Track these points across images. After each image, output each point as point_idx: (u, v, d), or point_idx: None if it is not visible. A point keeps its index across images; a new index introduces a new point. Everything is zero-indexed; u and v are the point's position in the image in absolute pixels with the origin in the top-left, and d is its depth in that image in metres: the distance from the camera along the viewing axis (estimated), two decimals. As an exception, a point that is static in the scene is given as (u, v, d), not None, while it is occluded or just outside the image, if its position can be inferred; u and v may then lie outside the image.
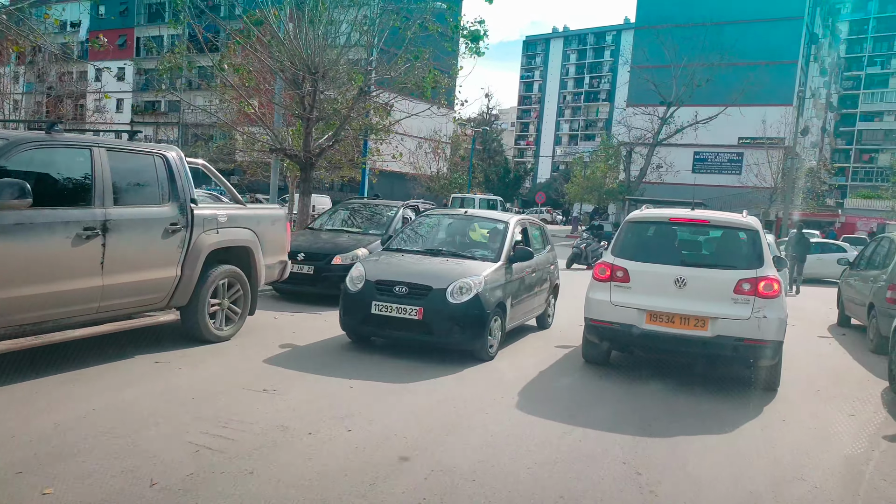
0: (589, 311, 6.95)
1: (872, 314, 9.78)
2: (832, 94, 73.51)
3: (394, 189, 48.62)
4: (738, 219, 6.99)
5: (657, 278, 6.62)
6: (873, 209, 45.18)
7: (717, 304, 6.36)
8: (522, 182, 61.25)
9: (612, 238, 7.44)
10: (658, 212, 7.51)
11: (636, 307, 6.61)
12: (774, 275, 6.48)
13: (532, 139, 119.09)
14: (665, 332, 6.50)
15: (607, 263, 6.91)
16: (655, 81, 42.47)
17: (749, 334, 6.29)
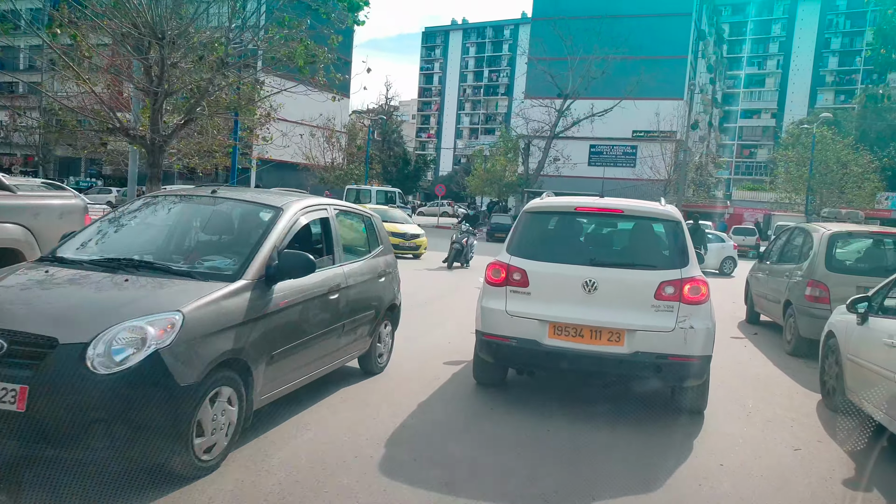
0: (482, 323, 5.63)
1: (789, 313, 8.91)
2: (717, 91, 76.40)
3: (285, 181, 46.24)
4: (656, 208, 5.80)
5: (562, 282, 5.39)
6: (758, 200, 46.78)
7: (634, 312, 5.20)
8: (423, 174, 59.87)
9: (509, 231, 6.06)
10: (561, 200, 6.22)
11: (537, 318, 5.33)
12: (701, 275, 5.35)
13: (433, 132, 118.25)
14: (573, 349, 5.24)
15: (502, 263, 5.59)
16: (552, 73, 42.26)
17: (674, 349, 5.13)
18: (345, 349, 5.63)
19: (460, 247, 17.41)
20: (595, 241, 6.28)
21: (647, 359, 5.12)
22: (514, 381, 6.42)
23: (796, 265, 9.08)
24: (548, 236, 5.83)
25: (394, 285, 6.79)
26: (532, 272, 5.41)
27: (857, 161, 36.75)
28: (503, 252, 5.70)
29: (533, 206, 5.92)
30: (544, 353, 5.29)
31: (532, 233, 5.79)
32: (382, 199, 35.54)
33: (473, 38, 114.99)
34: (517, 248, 5.63)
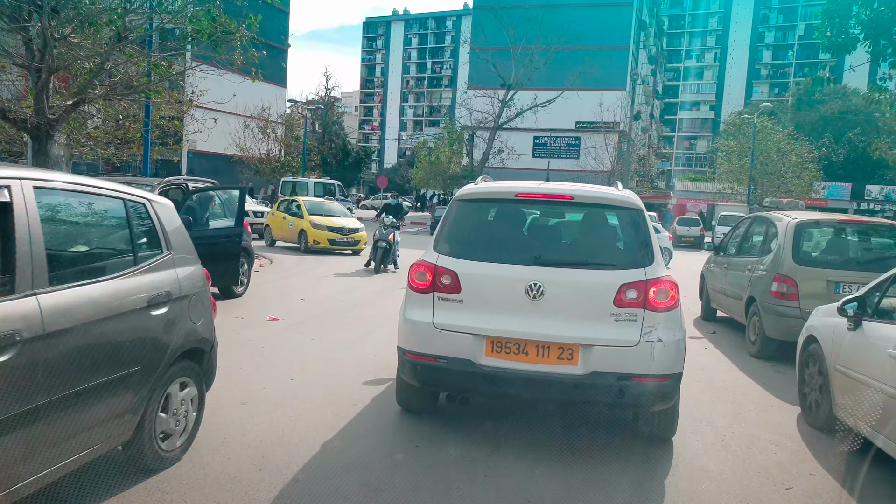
0: (404, 338, 4.62)
1: (753, 311, 8.09)
2: (658, 83, 77.04)
3: (218, 173, 44.21)
4: (612, 193, 4.80)
5: (501, 286, 4.41)
6: (700, 191, 47.04)
7: (589, 323, 4.26)
8: (364, 165, 58.26)
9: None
10: (499, 185, 5.08)
11: (471, 331, 4.34)
12: (669, 276, 4.40)
13: (377, 124, 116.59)
14: (515, 371, 4.26)
15: (427, 264, 4.57)
16: (495, 63, 41.44)
17: (638, 368, 4.18)
18: (69, 441, 3.07)
19: (387, 245, 14.48)
20: (540, 235, 5.27)
21: (606, 380, 4.17)
22: (446, 407, 5.35)
23: (759, 258, 8.27)
24: (483, 230, 4.86)
25: (192, 318, 4.11)
26: (464, 275, 4.42)
27: (797, 151, 37.05)
28: (429, 250, 4.68)
29: (465, 193, 4.88)
30: (480, 375, 4.30)
31: (464, 226, 4.77)
32: (321, 192, 34.06)
33: (416, 30, 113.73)
34: (446, 244, 4.63)
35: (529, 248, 4.69)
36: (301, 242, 18.61)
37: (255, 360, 6.60)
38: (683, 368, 4.44)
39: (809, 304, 7.21)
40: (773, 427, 5.37)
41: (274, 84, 52.65)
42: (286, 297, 10.80)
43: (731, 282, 9.07)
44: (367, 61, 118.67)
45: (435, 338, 4.38)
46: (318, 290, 11.78)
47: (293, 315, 9.12)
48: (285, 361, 6.63)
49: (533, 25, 40.63)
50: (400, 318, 4.67)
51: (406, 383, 4.78)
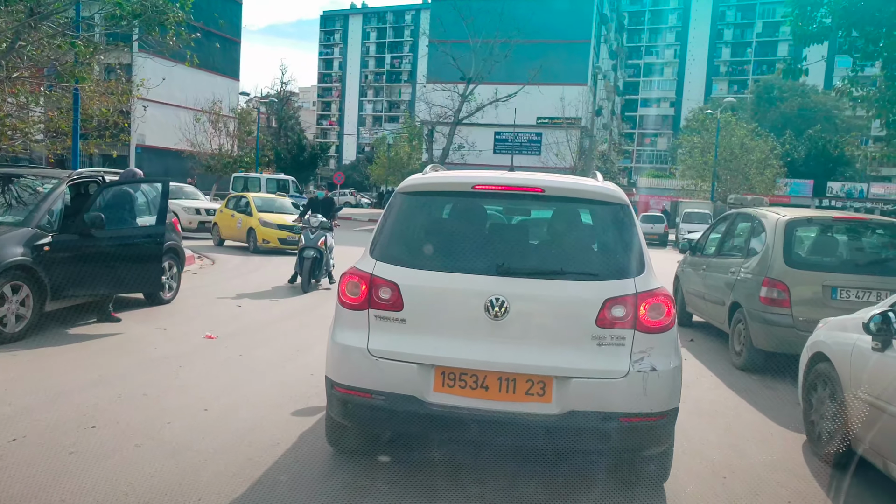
0: (333, 367, 3.72)
1: (737, 318, 7.30)
2: (619, 79, 77.01)
3: (168, 168, 42.46)
4: (591, 186, 3.92)
5: (454, 302, 3.57)
6: (663, 188, 46.86)
7: (566, 349, 3.44)
8: (319, 161, 56.68)
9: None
10: (451, 176, 4.21)
11: (417, 360, 3.48)
12: (663, 288, 3.59)
13: (335, 119, 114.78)
14: (472, 409, 3.42)
15: (362, 274, 3.67)
16: (455, 56, 40.57)
17: (628, 405, 3.39)
18: None
19: (316, 254, 11.12)
20: (504, 238, 4.18)
21: (586, 421, 3.35)
22: (390, 447, 4.39)
23: (743, 259, 7.48)
24: (433, 231, 3.96)
25: None
26: (408, 287, 3.56)
27: (761, 147, 36.94)
28: (365, 256, 3.79)
29: (410, 185, 3.96)
30: (428, 416, 3.44)
31: (408, 226, 3.88)
32: (274, 188, 32.68)
33: (374, 24, 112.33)
34: (386, 249, 3.74)
35: (490, 253, 3.74)
36: (250, 242, 17.33)
37: (167, 385, 5.55)
38: (680, 402, 3.62)
39: (803, 311, 6.47)
40: (779, 463, 4.53)
41: (226, 77, 51.06)
42: (221, 303, 9.70)
43: (712, 285, 8.28)
44: (325, 55, 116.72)
45: (370, 368, 3.52)
46: (259, 294, 10.69)
47: (225, 325, 8.05)
48: (203, 385, 5.59)
49: (493, 17, 39.84)
50: (328, 342, 3.77)
51: (336, 422, 3.88)
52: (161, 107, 45.81)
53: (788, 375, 6.49)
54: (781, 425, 5.31)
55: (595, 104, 41.49)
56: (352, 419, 3.70)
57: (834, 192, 47.78)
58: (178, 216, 20.22)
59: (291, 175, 41.60)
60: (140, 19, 11.86)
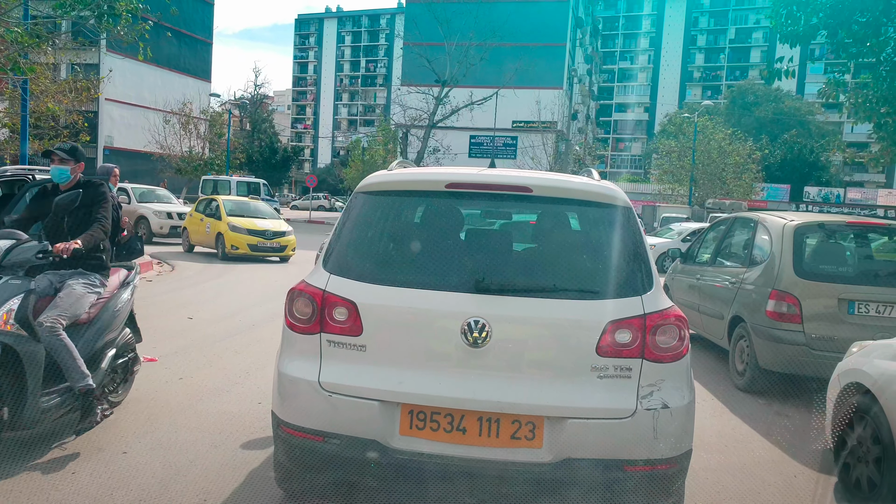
0: (278, 403, 3.12)
1: (739, 333, 6.60)
2: (594, 83, 76.97)
3: (137, 171, 41.15)
4: (587, 185, 3.29)
5: (425, 325, 2.98)
6: (640, 192, 46.53)
7: (560, 382, 2.89)
8: (292, 163, 55.54)
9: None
10: (421, 172, 3.71)
11: (379, 397, 2.90)
12: (674, 307, 3.03)
13: (310, 123, 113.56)
14: (445, 459, 2.84)
15: (313, 290, 3.06)
16: (430, 58, 39.90)
17: (634, 451, 2.83)
18: None
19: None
20: (485, 247, 3.40)
21: (586, 472, 2.80)
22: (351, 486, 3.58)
23: (745, 269, 6.78)
24: (398, 239, 3.34)
25: None
26: (368, 307, 2.97)
27: (738, 151, 36.70)
28: (317, 268, 3.20)
29: (371, 184, 3.34)
30: (393, 466, 2.85)
31: (369, 232, 3.28)
32: (244, 191, 31.72)
33: (349, 27, 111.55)
34: (342, 260, 3.13)
35: (468, 266, 3.10)
36: (219, 248, 16.23)
37: (84, 422, 4.67)
38: (692, 442, 3.03)
39: (816, 327, 5.79)
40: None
41: (197, 78, 49.86)
42: (171, 314, 8.79)
43: (708, 296, 7.59)
44: (300, 59, 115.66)
45: (322, 405, 2.94)
46: (213, 306, 9.80)
47: (170, 341, 7.17)
48: (127, 419, 4.73)
49: (468, 20, 39.34)
50: (274, 371, 3.17)
51: (286, 468, 3.21)
52: (130, 108, 44.61)
53: (800, 399, 5.82)
54: (804, 464, 4.59)
55: (571, 108, 41.05)
56: (300, 465, 3.07)
57: (811, 196, 47.87)
58: (150, 220, 19.30)
59: (264, 178, 40.57)
60: (88, 7, 10.98)
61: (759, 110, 55.00)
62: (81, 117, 18.11)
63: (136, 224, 19.15)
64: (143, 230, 19.01)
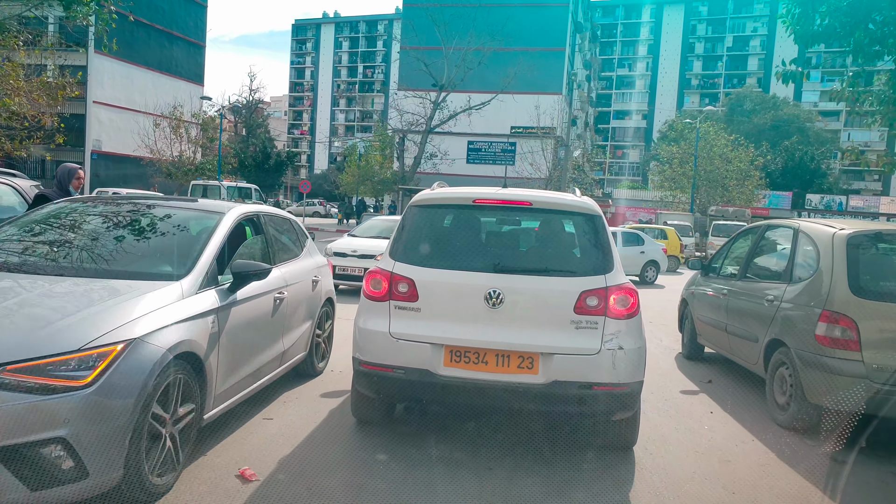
0: (359, 348, 4.48)
1: (779, 360, 5.72)
2: (592, 90, 76.29)
3: (126, 176, 40.27)
4: (570, 200, 4.79)
5: (459, 293, 4.36)
6: (640, 199, 45.70)
7: (550, 331, 4.27)
8: (285, 168, 54.52)
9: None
10: (456, 191, 5.01)
11: (429, 341, 4.29)
12: (628, 283, 4.39)
13: (306, 128, 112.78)
14: (474, 380, 4.22)
15: (384, 272, 4.48)
16: (427, 62, 39.11)
17: (600, 377, 4.18)
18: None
19: None
20: (499, 242, 5.20)
21: (567, 389, 4.17)
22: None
23: (785, 284, 5.90)
24: (441, 236, 4.78)
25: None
26: (422, 282, 4.39)
27: (741, 157, 35.86)
28: (385, 257, 4.63)
29: (422, 199, 4.85)
30: (439, 385, 4.26)
31: (421, 232, 4.71)
32: (235, 197, 30.82)
33: (347, 33, 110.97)
34: (404, 251, 4.57)
35: (488, 254, 4.67)
36: None
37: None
38: (644, 377, 4.41)
39: (878, 356, 4.94)
40: None
41: (189, 81, 48.93)
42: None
43: (738, 315, 6.70)
44: (297, 64, 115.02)
45: (392, 347, 4.35)
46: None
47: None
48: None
49: (466, 24, 38.63)
50: (355, 328, 4.53)
51: (362, 395, 4.71)
52: (119, 111, 43.66)
53: (859, 441, 4.91)
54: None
55: (570, 114, 40.31)
56: (376, 391, 4.49)
57: (813, 204, 47.07)
58: None
59: (256, 183, 39.63)
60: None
61: (758, 117, 54.27)
62: (57, 118, 17.20)
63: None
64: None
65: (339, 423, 5.01)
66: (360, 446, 4.61)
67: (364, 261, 11.66)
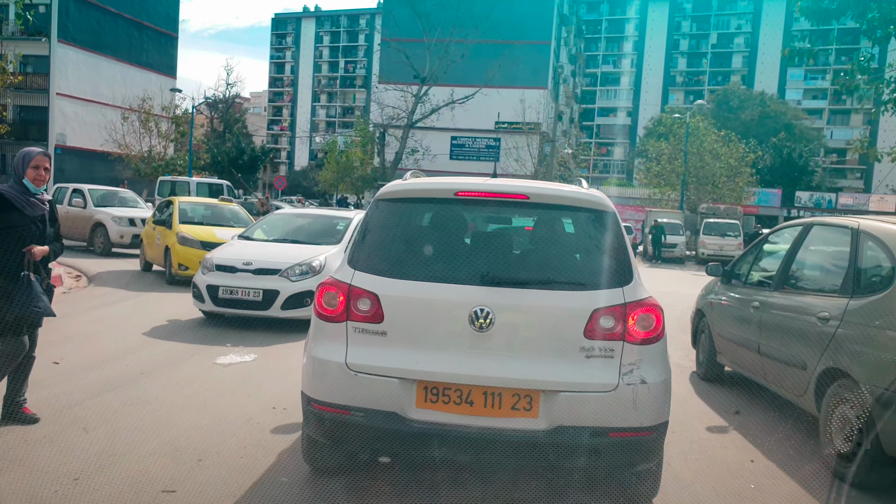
0: (308, 383, 3.59)
1: (839, 394, 4.48)
2: (577, 86, 75.34)
3: (94, 172, 38.52)
4: (577, 193, 3.78)
5: (438, 313, 3.49)
6: (628, 196, 44.67)
7: (553, 361, 3.39)
8: (261, 164, 52.85)
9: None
10: (433, 182, 3.95)
11: (398, 374, 3.40)
12: (651, 298, 3.50)
13: (286, 124, 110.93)
14: (456, 426, 3.34)
15: (339, 284, 3.57)
16: (408, 54, 37.83)
17: (618, 420, 3.32)
18: None
19: None
20: (488, 246, 3.91)
21: (575, 437, 3.29)
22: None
23: (846, 298, 4.65)
24: (414, 239, 3.79)
25: None
26: (388, 298, 3.47)
27: (733, 153, 34.87)
28: (343, 265, 3.70)
29: (390, 192, 3.83)
30: (410, 434, 3.35)
31: (389, 234, 3.76)
32: (205, 193, 29.35)
33: (327, 27, 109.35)
34: (366, 259, 3.62)
35: (474, 262, 3.60)
36: (167, 266, 12.34)
37: None
38: (669, 415, 3.53)
39: None
40: None
41: (161, 74, 47.09)
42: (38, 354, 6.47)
43: (773, 333, 5.45)
44: (277, 59, 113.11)
45: (349, 383, 3.43)
46: (97, 344, 7.35)
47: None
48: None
49: (449, 14, 37.39)
50: (304, 356, 3.66)
51: (314, 440, 3.74)
52: (84, 104, 41.82)
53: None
54: None
55: (556, 109, 39.26)
56: (329, 437, 3.59)
57: (802, 202, 46.32)
58: (108, 227, 16.33)
59: (230, 180, 38.10)
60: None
61: (745, 114, 53.55)
62: (1, 107, 15.69)
63: (92, 232, 16.59)
64: (100, 239, 16.52)
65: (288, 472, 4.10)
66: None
67: (263, 279, 8.31)
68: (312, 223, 10.19)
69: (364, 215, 3.87)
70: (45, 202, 4.59)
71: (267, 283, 8.26)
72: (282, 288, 8.25)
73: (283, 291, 8.22)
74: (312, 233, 9.75)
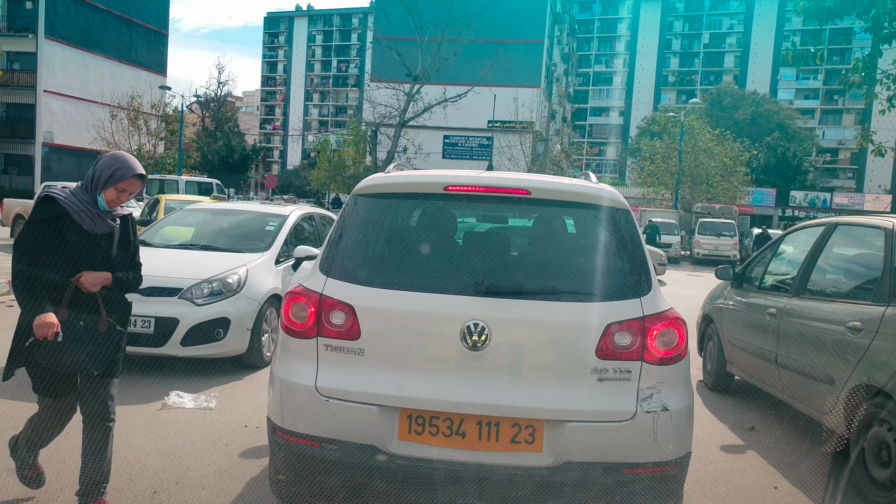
0: (274, 408, 3.07)
1: (874, 413, 4.04)
2: (570, 85, 75.07)
3: (83, 169, 37.91)
4: (584, 188, 3.27)
5: (423, 328, 3.00)
6: (623, 195, 44.42)
7: (560, 385, 2.92)
8: (251, 163, 52.25)
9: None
10: (418, 175, 3.49)
11: (377, 401, 2.90)
12: (672, 309, 3.03)
13: (279, 123, 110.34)
14: (445, 462, 2.84)
15: (309, 293, 3.07)
16: (400, 52, 37.47)
17: (636, 454, 2.85)
18: None
19: None
20: (483, 250, 3.33)
21: (586, 474, 2.82)
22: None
23: (882, 306, 4.20)
24: (397, 241, 3.27)
25: None
26: (367, 310, 2.97)
27: (728, 152, 34.56)
28: (314, 272, 3.18)
29: (370, 186, 3.32)
30: (392, 470, 2.85)
31: (367, 235, 3.24)
32: (194, 191, 28.99)
33: (320, 26, 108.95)
34: (339, 264, 3.13)
35: (467, 268, 3.09)
36: None
37: None
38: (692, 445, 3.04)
39: None
40: None
41: (150, 71, 46.47)
42: None
43: (794, 342, 5.01)
44: (269, 58, 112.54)
45: (319, 410, 2.93)
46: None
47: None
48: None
49: (441, 12, 37.11)
50: (270, 376, 3.20)
51: (281, 475, 3.07)
52: (72, 101, 41.16)
53: None
54: None
55: (550, 108, 38.96)
56: (296, 471, 2.99)
57: (797, 201, 46.12)
58: None
59: (220, 179, 37.59)
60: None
61: (738, 114, 53.39)
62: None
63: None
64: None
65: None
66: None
67: (156, 303, 5.94)
68: (234, 223, 7.80)
69: (340, 213, 3.37)
70: (115, 218, 3.34)
71: (161, 309, 5.90)
72: (182, 315, 5.91)
73: (183, 320, 5.89)
74: (233, 236, 7.41)
